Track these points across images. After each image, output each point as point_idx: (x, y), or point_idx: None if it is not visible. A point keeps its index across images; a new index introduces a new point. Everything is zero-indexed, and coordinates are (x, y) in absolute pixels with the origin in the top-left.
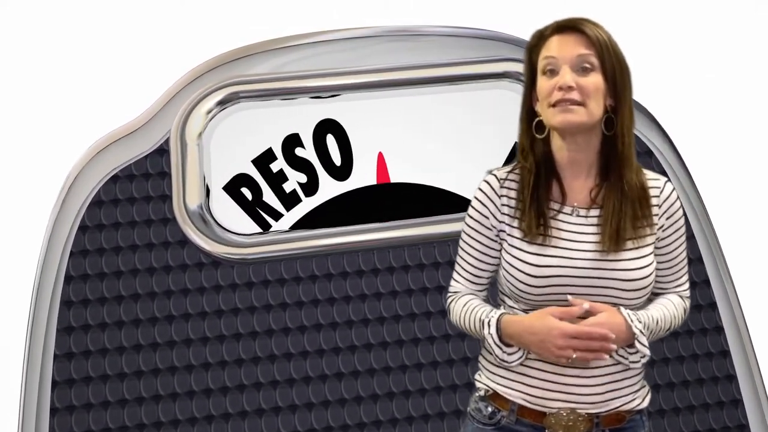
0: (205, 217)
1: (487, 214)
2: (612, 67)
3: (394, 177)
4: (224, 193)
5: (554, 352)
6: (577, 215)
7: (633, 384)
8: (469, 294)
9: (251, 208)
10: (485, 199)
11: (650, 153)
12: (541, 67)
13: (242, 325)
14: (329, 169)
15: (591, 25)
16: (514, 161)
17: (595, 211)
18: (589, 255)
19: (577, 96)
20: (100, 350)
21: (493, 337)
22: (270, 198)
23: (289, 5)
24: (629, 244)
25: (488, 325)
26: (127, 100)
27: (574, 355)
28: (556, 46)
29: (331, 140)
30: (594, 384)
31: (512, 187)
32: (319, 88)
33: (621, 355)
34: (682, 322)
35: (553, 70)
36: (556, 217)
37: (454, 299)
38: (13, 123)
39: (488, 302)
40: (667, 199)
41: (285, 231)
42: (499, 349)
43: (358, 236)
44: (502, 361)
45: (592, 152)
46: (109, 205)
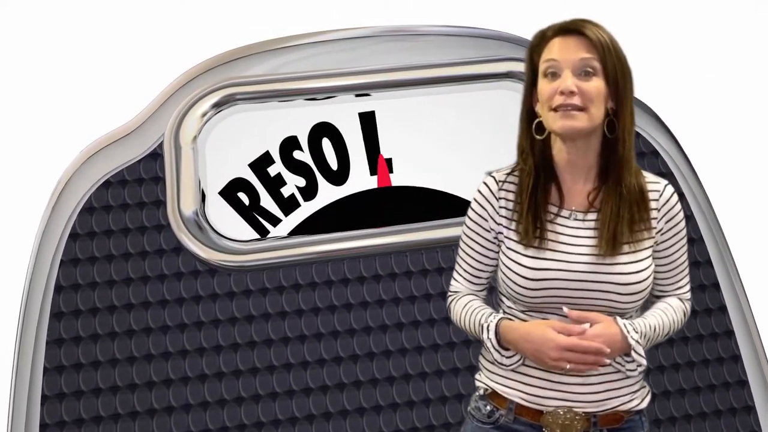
0: (201, 224)
1: (486, 216)
2: (614, 70)
3: (395, 180)
4: (220, 198)
5: (548, 362)
6: (575, 219)
7: (631, 384)
8: (470, 294)
9: (248, 214)
10: (484, 201)
11: (656, 153)
12: (542, 70)
13: (240, 335)
14: (325, 173)
15: (593, 28)
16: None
17: (593, 215)
18: (585, 259)
19: (579, 101)
20: (92, 363)
21: (492, 342)
22: (268, 203)
23: (286, 5)
24: (626, 248)
25: (487, 330)
26: (119, 102)
27: (568, 366)
28: (558, 49)
29: (327, 144)
30: (591, 383)
31: (511, 189)
32: (318, 90)
33: (618, 363)
34: (683, 325)
35: (554, 73)
36: (554, 221)
37: (454, 299)
38: (2, 127)
39: (488, 302)
40: (667, 202)
41: (283, 237)
42: (498, 353)
43: (359, 242)
44: (500, 364)
45: (592, 155)
46: (101, 212)
